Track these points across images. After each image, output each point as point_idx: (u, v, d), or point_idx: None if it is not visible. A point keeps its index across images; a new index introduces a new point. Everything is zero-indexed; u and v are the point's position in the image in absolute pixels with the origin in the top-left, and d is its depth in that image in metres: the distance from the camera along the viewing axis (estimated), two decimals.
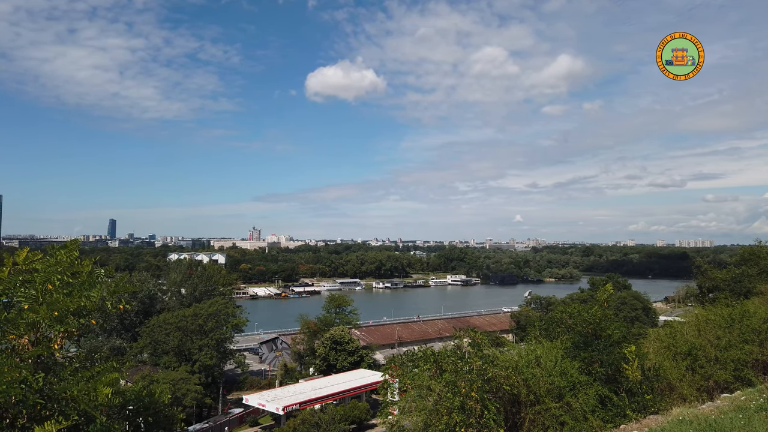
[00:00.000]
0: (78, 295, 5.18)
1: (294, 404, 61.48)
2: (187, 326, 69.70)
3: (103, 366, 5.05)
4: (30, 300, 5.18)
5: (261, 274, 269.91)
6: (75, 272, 5.51)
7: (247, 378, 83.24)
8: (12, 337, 5.03)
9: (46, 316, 4.93)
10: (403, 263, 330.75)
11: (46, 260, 5.63)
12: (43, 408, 4.93)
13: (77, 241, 5.81)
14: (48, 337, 5.28)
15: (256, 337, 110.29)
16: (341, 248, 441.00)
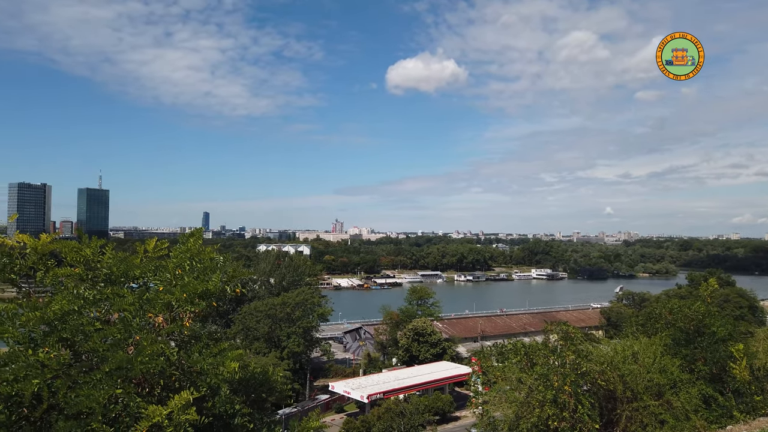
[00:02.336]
0: (204, 279, 5.72)
1: (378, 393, 62.67)
2: (276, 314, 72.85)
3: (227, 344, 5.56)
4: (165, 283, 5.79)
5: (344, 266, 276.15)
6: (201, 258, 6.07)
7: (332, 366, 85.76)
8: (150, 315, 5.63)
9: (179, 298, 5.48)
10: (486, 256, 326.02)
11: (178, 247, 6.24)
12: (177, 380, 5.49)
13: (201, 230, 6.38)
14: (179, 316, 5.86)
15: (340, 326, 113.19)
16: (422, 240, 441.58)
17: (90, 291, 6.05)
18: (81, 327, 5.51)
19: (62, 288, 5.95)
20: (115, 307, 5.66)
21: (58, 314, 5.53)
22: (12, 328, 5.50)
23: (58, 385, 5.32)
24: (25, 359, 5.25)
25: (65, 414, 5.30)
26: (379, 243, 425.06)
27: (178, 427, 4.83)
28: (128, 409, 5.21)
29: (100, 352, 5.33)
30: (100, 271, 6.02)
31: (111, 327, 5.47)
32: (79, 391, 5.10)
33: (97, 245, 6.29)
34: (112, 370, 5.14)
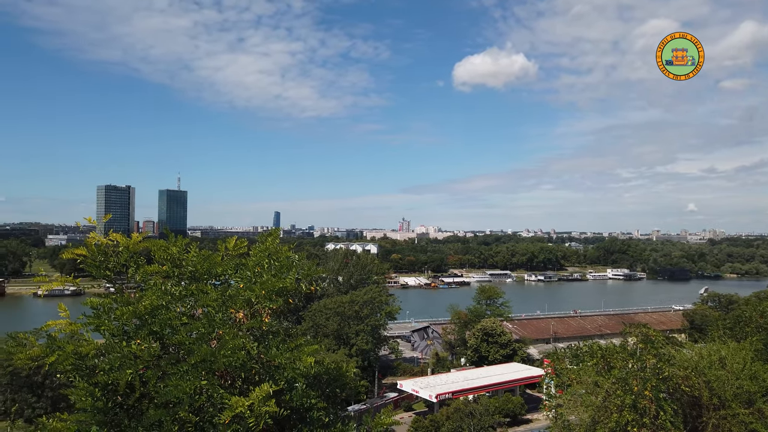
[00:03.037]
0: (281, 277, 5.93)
1: (447, 393, 62.33)
2: (344, 312, 74.00)
3: (303, 339, 5.75)
4: (245, 280, 6.06)
5: (411, 264, 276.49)
6: (278, 257, 6.30)
7: (400, 364, 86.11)
8: (232, 311, 5.91)
9: (258, 295, 5.72)
10: (557, 255, 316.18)
11: (257, 246, 6.52)
12: (256, 373, 5.73)
13: (278, 230, 6.64)
14: (258, 312, 6.11)
15: (408, 325, 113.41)
16: (490, 239, 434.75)
17: (176, 287, 6.44)
18: (169, 321, 5.87)
19: (151, 284, 6.36)
20: (199, 303, 6.00)
21: (148, 309, 5.92)
22: (108, 321, 5.94)
23: (149, 375, 5.69)
24: (119, 350, 5.65)
25: (155, 402, 5.66)
26: (447, 242, 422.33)
27: (259, 418, 5.04)
28: (212, 399, 5.49)
29: (186, 345, 5.66)
30: (186, 269, 6.38)
31: (196, 322, 5.80)
32: (167, 381, 5.43)
33: (182, 244, 6.67)
34: (197, 362, 5.44)
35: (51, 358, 5.58)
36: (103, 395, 5.63)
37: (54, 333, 6.05)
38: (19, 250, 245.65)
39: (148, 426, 5.41)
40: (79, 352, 5.76)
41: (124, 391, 5.66)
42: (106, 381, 5.64)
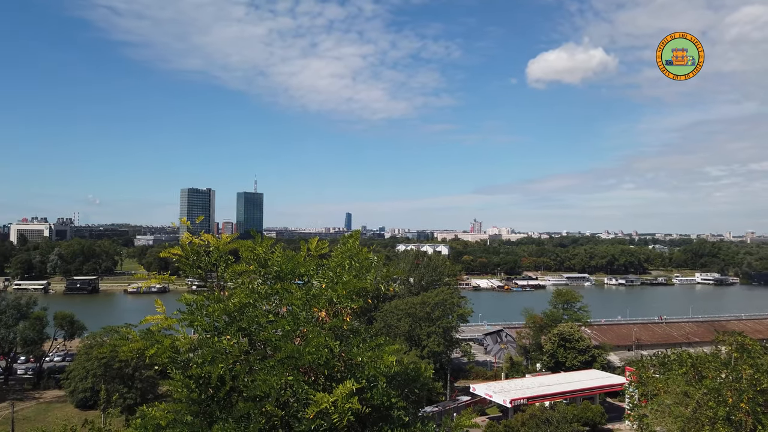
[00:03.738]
0: (361, 278, 6.08)
1: (522, 398, 60.91)
2: (416, 313, 74.04)
3: (383, 339, 5.86)
4: (327, 280, 6.25)
5: (483, 266, 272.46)
6: (358, 258, 6.46)
7: (473, 367, 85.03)
8: (315, 310, 6.11)
9: (340, 294, 5.89)
10: (640, 258, 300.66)
11: (339, 248, 6.73)
12: (338, 371, 5.90)
13: (358, 232, 6.81)
14: (340, 312, 6.29)
15: (481, 328, 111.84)
16: (567, 241, 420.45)
17: (262, 286, 6.75)
18: (256, 318, 6.16)
19: (240, 283, 6.71)
20: (284, 301, 6.26)
21: (237, 306, 6.24)
22: (200, 317, 6.31)
23: (238, 369, 5.99)
24: (212, 346, 6.00)
25: (244, 396, 5.95)
26: (520, 243, 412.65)
27: (342, 414, 5.19)
28: (297, 395, 5.70)
29: (272, 341, 5.92)
30: (271, 269, 6.67)
31: (281, 319, 6.05)
32: (255, 376, 5.70)
33: (267, 245, 6.98)
34: (283, 358, 5.67)
35: (151, 351, 6.01)
36: (196, 387, 5.98)
37: (152, 327, 6.50)
38: (111, 250, 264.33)
39: (237, 418, 5.69)
40: (175, 346, 6.17)
41: (216, 384, 5.99)
42: (199, 374, 6.00)
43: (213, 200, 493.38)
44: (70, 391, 70.40)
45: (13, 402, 69.83)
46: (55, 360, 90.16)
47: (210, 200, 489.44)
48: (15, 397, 74.34)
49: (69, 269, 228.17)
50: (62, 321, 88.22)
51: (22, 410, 69.16)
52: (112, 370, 67.63)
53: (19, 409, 67.43)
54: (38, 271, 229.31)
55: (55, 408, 71.68)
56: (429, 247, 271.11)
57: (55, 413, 68.68)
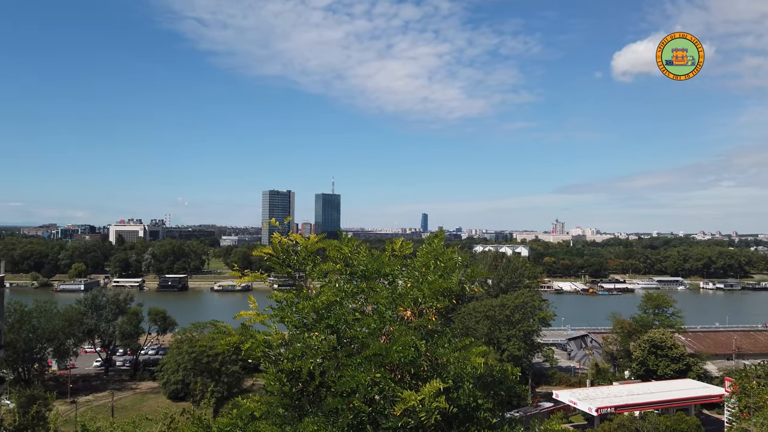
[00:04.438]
0: (446, 278, 6.08)
1: (609, 407, 58.24)
2: (495, 315, 72.77)
3: (470, 339, 5.83)
4: (413, 280, 6.31)
5: (565, 268, 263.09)
6: (443, 258, 6.47)
7: (555, 373, 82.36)
8: (400, 309, 6.18)
9: (426, 294, 5.92)
10: (741, 261, 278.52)
11: (424, 248, 6.77)
12: (424, 370, 5.92)
13: (443, 232, 6.82)
14: (424, 311, 6.32)
15: (564, 332, 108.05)
16: (658, 242, 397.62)
17: (348, 285, 6.90)
18: (343, 316, 6.32)
19: (327, 281, 6.90)
20: (370, 300, 6.37)
21: (325, 304, 6.42)
22: (290, 314, 6.55)
23: (326, 365, 6.16)
24: (302, 341, 6.21)
25: (332, 391, 6.12)
26: (606, 244, 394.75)
27: (430, 413, 5.20)
28: (384, 392, 5.79)
29: (359, 339, 6.04)
30: (357, 268, 6.81)
31: (367, 317, 6.17)
32: (344, 372, 5.84)
33: (353, 244, 7.15)
34: (370, 355, 5.77)
35: (246, 345, 6.31)
36: (288, 381, 6.22)
37: (245, 323, 6.82)
38: (199, 250, 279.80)
39: (326, 412, 5.85)
40: (268, 340, 6.45)
41: (305, 378, 6.20)
42: (290, 368, 6.23)
43: (293, 202, 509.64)
44: (163, 383, 75.14)
45: (113, 391, 75.61)
46: (149, 353, 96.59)
47: (290, 202, 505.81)
48: (114, 387, 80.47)
49: (161, 268, 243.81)
50: (156, 316, 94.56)
51: (120, 399, 74.63)
52: (200, 365, 71.58)
53: (117, 399, 72.86)
54: (134, 269, 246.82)
55: (150, 398, 76.72)
56: (508, 248, 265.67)
57: (149, 403, 73.52)
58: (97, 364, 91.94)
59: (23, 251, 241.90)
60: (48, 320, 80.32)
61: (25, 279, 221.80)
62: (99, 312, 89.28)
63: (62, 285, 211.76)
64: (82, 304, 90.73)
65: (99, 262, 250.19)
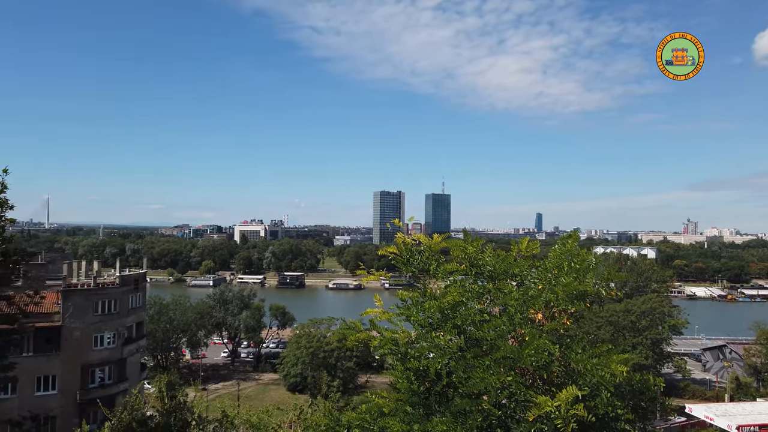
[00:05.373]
0: (581, 280, 5.78)
1: (752, 425, 52.28)
2: (618, 321, 68.45)
3: (608, 346, 5.49)
4: (545, 281, 6.07)
5: (699, 272, 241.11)
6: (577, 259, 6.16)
7: (687, 385, 75.86)
8: (531, 312, 5.97)
9: (560, 297, 5.67)
10: None
11: (556, 248, 6.52)
12: (558, 375, 5.67)
13: (577, 232, 6.52)
14: (556, 314, 6.06)
15: (697, 341, 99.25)
16: None
17: (473, 285, 6.81)
18: (470, 317, 6.24)
19: (452, 281, 6.85)
20: (498, 301, 6.23)
21: (451, 304, 6.38)
22: (416, 313, 6.59)
23: (453, 365, 6.12)
24: (430, 341, 6.22)
25: (460, 392, 6.06)
26: (747, 246, 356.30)
27: (566, 420, 4.98)
28: (515, 396, 5.63)
29: (488, 340, 5.92)
30: (484, 268, 6.69)
31: (496, 319, 6.03)
32: (472, 373, 5.76)
33: (478, 244, 7.03)
34: (500, 358, 5.64)
35: (374, 342, 6.45)
36: (416, 379, 6.25)
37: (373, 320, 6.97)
38: (315, 249, 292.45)
39: (455, 413, 5.81)
40: (395, 338, 6.53)
41: (433, 378, 6.20)
42: (417, 367, 6.27)
43: (403, 202, 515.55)
44: (283, 376, 79.33)
45: (239, 381, 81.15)
46: (270, 346, 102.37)
47: (400, 202, 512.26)
48: (240, 377, 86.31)
49: (280, 266, 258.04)
50: (276, 312, 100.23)
51: (245, 389, 79.85)
52: (317, 359, 74.66)
53: (242, 388, 78.05)
54: (256, 267, 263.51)
55: (271, 389, 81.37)
56: (632, 250, 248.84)
57: (271, 394, 77.98)
58: (224, 355, 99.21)
59: (161, 249, 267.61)
60: (182, 313, 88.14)
61: (162, 274, 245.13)
62: (226, 306, 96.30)
63: (194, 281, 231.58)
64: (212, 298, 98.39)
65: (225, 260, 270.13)
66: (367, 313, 7.36)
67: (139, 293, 54.05)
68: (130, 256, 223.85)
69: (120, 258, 72.10)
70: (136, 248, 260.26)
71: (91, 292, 48.01)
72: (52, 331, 45.47)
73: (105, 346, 48.73)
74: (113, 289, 49.79)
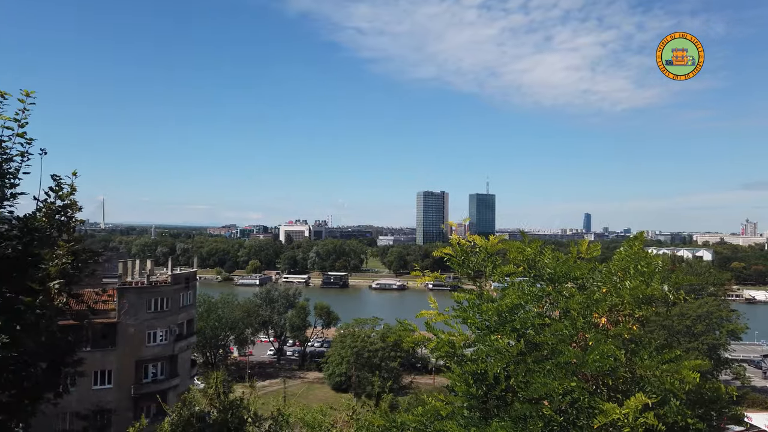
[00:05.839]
0: (649, 284, 5.57)
1: None
2: (672, 326, 66.06)
3: (678, 352, 5.27)
4: (609, 284, 5.89)
5: (760, 275, 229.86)
6: (645, 262, 5.95)
7: (747, 393, 72.27)
8: (595, 316, 5.80)
9: (626, 301, 5.48)
10: None
11: (621, 251, 6.32)
12: (624, 382, 5.49)
13: (642, 234, 6.30)
14: (620, 319, 5.86)
15: (757, 347, 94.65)
16: None
17: (532, 288, 6.67)
18: (529, 320, 6.11)
19: (510, 284, 6.73)
20: (560, 305, 6.08)
21: (509, 307, 6.27)
22: (473, 315, 6.51)
23: (512, 369, 6.00)
24: (488, 344, 6.13)
25: (519, 396, 5.94)
26: None
27: (635, 429, 4.81)
28: (578, 402, 5.47)
29: (549, 345, 5.78)
30: (544, 271, 6.53)
31: (557, 323, 5.87)
32: (533, 378, 5.63)
33: (536, 246, 6.88)
34: (562, 363, 5.50)
35: (431, 344, 6.41)
36: (473, 382, 6.17)
37: (429, 321, 6.92)
38: (358, 249, 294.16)
39: (514, 418, 5.70)
40: (451, 341, 6.47)
41: (491, 381, 6.10)
42: (474, 370, 6.18)
43: (446, 202, 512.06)
44: (328, 375, 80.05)
45: (284, 379, 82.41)
46: (315, 345, 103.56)
47: (444, 202, 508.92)
48: (285, 375, 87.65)
49: (324, 265, 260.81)
50: (321, 311, 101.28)
51: (290, 387, 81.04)
52: (362, 359, 75.02)
53: (288, 386, 79.24)
54: (300, 266, 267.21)
55: (316, 388, 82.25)
56: (686, 252, 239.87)
57: (316, 392, 78.85)
58: (270, 353, 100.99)
59: (209, 249, 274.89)
60: (230, 311, 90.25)
61: (210, 273, 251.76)
62: (272, 305, 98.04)
63: (241, 279, 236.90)
64: (258, 297, 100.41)
65: (271, 260, 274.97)
66: (421, 315, 7.32)
67: (189, 291, 55.65)
68: (180, 255, 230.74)
69: (171, 257, 74.49)
70: (186, 248, 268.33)
71: (145, 290, 49.74)
72: (109, 327, 47.30)
73: (157, 343, 50.37)
74: (165, 287, 51.43)
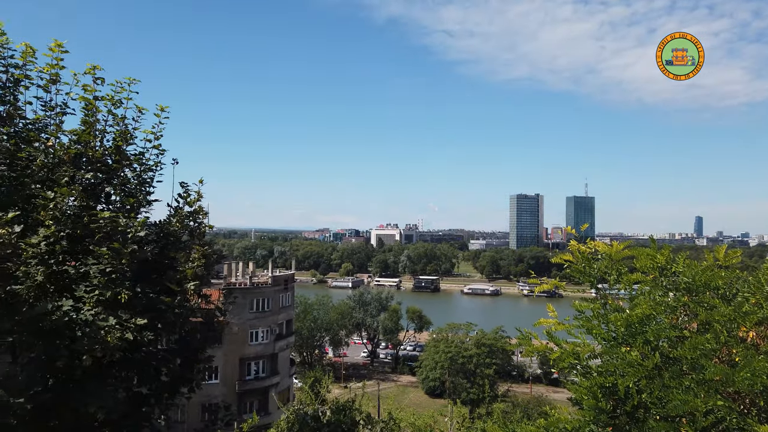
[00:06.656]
0: None
1: None
2: None
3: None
4: (761, 296, 5.39)
5: None
6: None
7: None
8: (743, 329, 5.32)
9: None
10: None
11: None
12: None
13: None
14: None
15: None
16: None
17: (664, 297, 6.22)
18: (664, 332, 5.70)
19: (640, 293, 6.32)
20: (701, 316, 5.63)
21: (640, 317, 5.89)
22: (598, 326, 6.19)
23: (646, 385, 5.63)
24: (619, 356, 5.80)
25: (653, 413, 5.57)
26: None
27: None
28: (722, 423, 5.05)
29: (689, 359, 5.37)
30: (680, 279, 6.09)
31: (698, 336, 5.44)
32: (670, 394, 5.25)
33: (668, 252, 6.43)
34: (704, 379, 5.09)
35: (554, 354, 6.17)
36: (602, 397, 5.86)
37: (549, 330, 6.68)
38: (449, 253, 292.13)
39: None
40: (576, 352, 6.19)
41: (621, 396, 5.77)
42: (602, 383, 5.86)
43: (541, 205, 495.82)
44: (422, 379, 79.98)
45: (379, 381, 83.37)
46: (407, 349, 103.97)
47: (538, 205, 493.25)
48: (378, 378, 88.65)
49: (415, 269, 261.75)
50: (413, 315, 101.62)
51: (384, 389, 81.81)
52: (456, 365, 74.28)
53: (382, 389, 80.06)
54: (391, 270, 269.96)
55: (410, 392, 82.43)
56: None
57: (409, 396, 79.00)
58: (364, 355, 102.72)
59: (305, 252, 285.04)
60: (325, 312, 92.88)
61: (305, 275, 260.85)
62: (365, 308, 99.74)
63: (334, 282, 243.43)
64: (352, 299, 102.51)
65: (363, 263, 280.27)
66: (540, 323, 7.07)
67: (288, 293, 57.99)
68: (278, 258, 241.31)
69: (270, 259, 77.93)
70: (283, 250, 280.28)
71: (248, 290, 52.43)
72: None
73: (259, 341, 52.90)
74: (266, 288, 53.94)
